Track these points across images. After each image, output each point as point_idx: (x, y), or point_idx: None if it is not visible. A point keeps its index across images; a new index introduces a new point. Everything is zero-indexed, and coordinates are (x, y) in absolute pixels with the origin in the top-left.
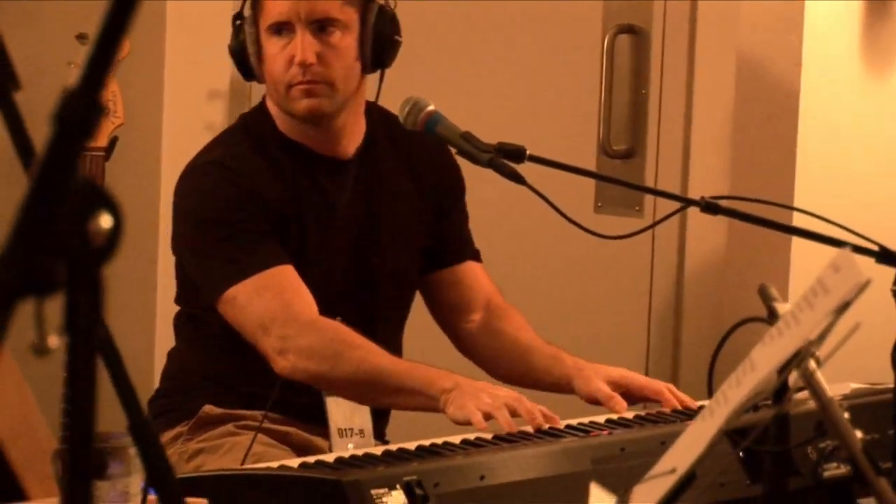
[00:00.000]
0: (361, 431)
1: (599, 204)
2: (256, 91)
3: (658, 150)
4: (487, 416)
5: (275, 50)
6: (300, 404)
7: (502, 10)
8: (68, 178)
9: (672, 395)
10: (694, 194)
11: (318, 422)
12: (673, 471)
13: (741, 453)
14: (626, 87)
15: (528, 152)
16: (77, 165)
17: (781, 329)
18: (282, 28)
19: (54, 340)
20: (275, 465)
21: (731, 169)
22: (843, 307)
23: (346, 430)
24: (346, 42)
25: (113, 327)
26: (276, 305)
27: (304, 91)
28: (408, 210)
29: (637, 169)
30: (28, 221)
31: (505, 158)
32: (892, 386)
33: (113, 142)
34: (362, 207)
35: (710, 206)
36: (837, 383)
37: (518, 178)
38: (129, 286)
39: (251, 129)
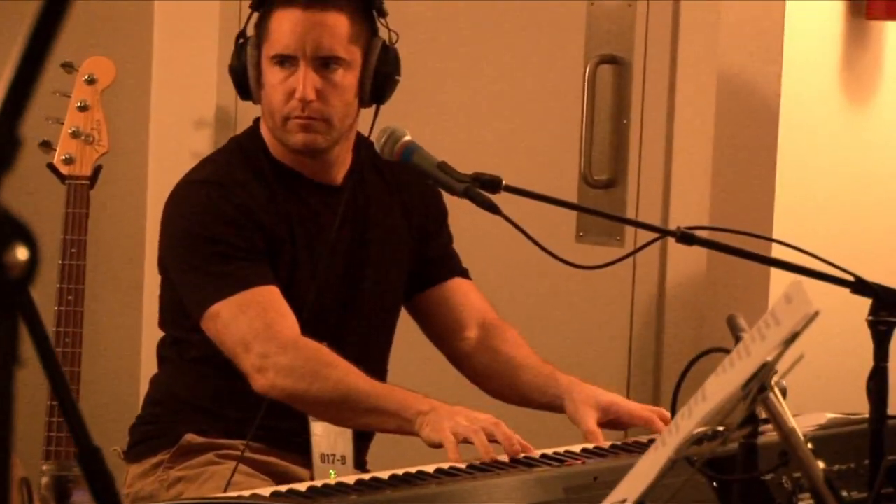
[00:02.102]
0: (343, 458)
1: (581, 233)
2: (241, 120)
3: (639, 179)
4: (464, 440)
5: (276, 80)
6: (283, 430)
7: (484, 39)
8: None
9: (662, 424)
10: (674, 223)
11: (299, 450)
12: (624, 501)
13: (714, 483)
14: (608, 117)
15: (504, 182)
16: None
17: (734, 360)
18: (285, 60)
19: None
20: (247, 493)
21: (711, 198)
22: (793, 338)
23: (328, 455)
24: (348, 80)
25: (99, 353)
26: (259, 324)
27: (301, 126)
28: (396, 234)
29: (618, 198)
30: None
31: (481, 188)
32: (867, 416)
33: (97, 170)
34: (352, 231)
35: (685, 237)
36: (814, 413)
37: (494, 209)
38: (115, 313)
39: (244, 150)
